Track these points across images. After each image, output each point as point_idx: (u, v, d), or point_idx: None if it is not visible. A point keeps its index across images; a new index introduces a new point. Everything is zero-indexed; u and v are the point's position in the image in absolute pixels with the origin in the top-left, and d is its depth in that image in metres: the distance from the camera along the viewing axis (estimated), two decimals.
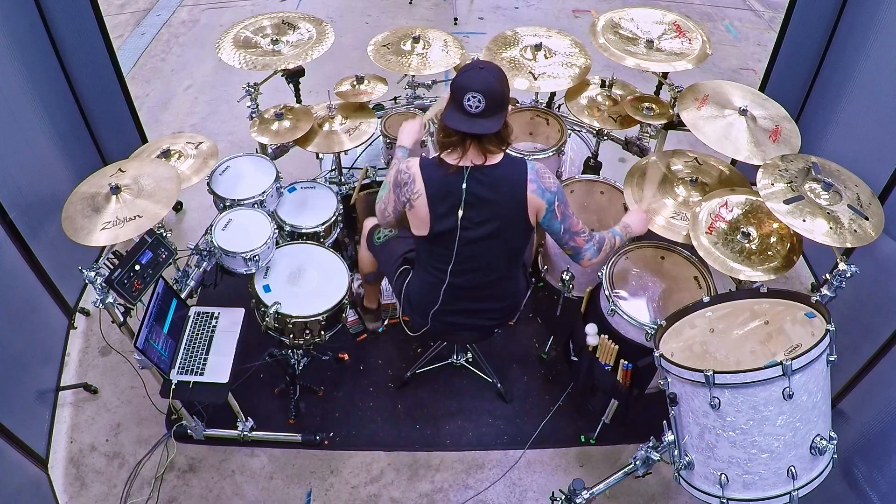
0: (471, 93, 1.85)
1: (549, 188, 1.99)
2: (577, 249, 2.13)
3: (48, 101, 2.80)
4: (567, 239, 2.09)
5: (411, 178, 2.00)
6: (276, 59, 2.73)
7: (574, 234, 2.09)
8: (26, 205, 2.58)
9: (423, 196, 1.99)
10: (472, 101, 1.85)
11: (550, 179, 2.00)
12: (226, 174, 2.71)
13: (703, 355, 1.90)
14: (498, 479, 2.57)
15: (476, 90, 1.84)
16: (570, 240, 2.10)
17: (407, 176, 2.01)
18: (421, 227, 2.05)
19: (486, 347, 2.85)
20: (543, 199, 1.98)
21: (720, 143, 2.39)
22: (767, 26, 5.40)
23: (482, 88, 1.84)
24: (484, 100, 1.85)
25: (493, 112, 1.88)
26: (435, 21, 5.29)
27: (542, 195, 1.98)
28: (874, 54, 2.59)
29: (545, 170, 2.01)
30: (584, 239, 2.11)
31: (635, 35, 2.83)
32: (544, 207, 2.00)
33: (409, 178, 2.00)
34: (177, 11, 5.54)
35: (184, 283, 2.46)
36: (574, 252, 2.14)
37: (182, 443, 2.63)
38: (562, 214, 2.03)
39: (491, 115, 1.88)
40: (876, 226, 2.03)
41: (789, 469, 1.66)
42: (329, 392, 2.80)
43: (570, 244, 2.11)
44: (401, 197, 2.04)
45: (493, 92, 1.86)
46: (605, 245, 2.17)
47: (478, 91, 1.84)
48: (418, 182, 1.98)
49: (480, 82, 1.85)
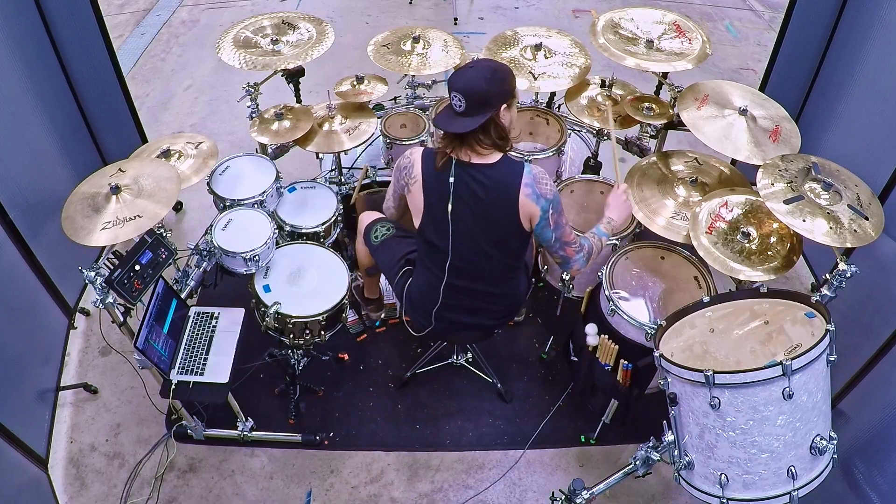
0: (453, 91, 1.88)
1: (545, 195, 1.95)
2: (566, 259, 2.12)
3: (48, 101, 2.80)
4: (558, 248, 2.08)
5: (411, 163, 2.04)
6: (276, 59, 2.73)
7: (565, 244, 2.08)
8: (26, 205, 2.58)
9: (419, 182, 2.02)
10: (455, 101, 1.88)
11: (548, 186, 1.96)
12: (226, 174, 2.71)
13: (703, 355, 1.90)
14: (498, 479, 2.57)
15: (457, 89, 1.86)
16: (561, 249, 2.08)
17: (408, 160, 2.05)
18: (417, 214, 2.08)
19: (486, 347, 2.85)
20: (538, 206, 1.95)
21: (720, 143, 2.39)
22: (767, 26, 5.40)
23: (462, 87, 1.86)
24: (464, 99, 1.86)
25: (474, 111, 1.87)
26: (435, 21, 5.29)
27: (536, 200, 1.94)
28: (874, 54, 2.59)
29: (544, 176, 1.97)
30: (575, 249, 2.11)
31: (635, 35, 2.83)
32: (538, 214, 1.97)
33: (410, 163, 2.04)
34: (177, 11, 5.55)
35: (184, 283, 2.46)
36: (563, 261, 2.13)
37: (182, 443, 2.63)
38: (555, 223, 2.01)
39: (471, 114, 1.88)
40: (876, 226, 2.03)
41: (789, 469, 1.66)
42: (329, 392, 2.80)
43: (560, 253, 2.10)
44: (400, 180, 2.08)
45: (473, 92, 1.85)
46: (592, 252, 2.17)
47: (458, 90, 1.86)
48: (417, 168, 2.02)
49: (462, 81, 1.87)
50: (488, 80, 1.87)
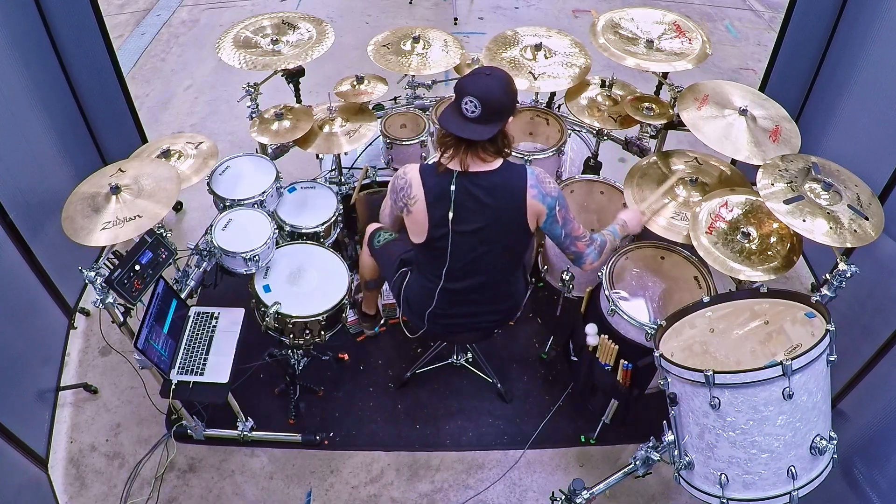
0: (469, 96, 1.84)
1: (550, 193, 1.98)
2: (578, 254, 2.13)
3: (48, 101, 2.80)
4: (569, 244, 2.09)
5: (408, 183, 1.98)
6: (276, 59, 2.73)
7: (575, 239, 2.09)
8: (26, 205, 2.58)
9: (421, 202, 1.98)
10: (469, 105, 1.85)
11: (551, 185, 1.99)
12: (226, 174, 2.71)
13: (703, 355, 1.90)
14: (498, 479, 2.57)
15: (474, 95, 1.83)
16: (572, 244, 2.09)
17: (404, 181, 1.99)
18: (419, 233, 2.04)
19: (486, 347, 2.85)
20: (544, 205, 1.97)
21: (720, 143, 2.39)
22: (767, 26, 5.40)
23: (480, 94, 1.83)
24: (480, 106, 1.84)
25: (489, 120, 1.86)
26: (435, 21, 5.29)
27: (542, 200, 1.97)
28: (874, 54, 2.59)
29: (545, 175, 2.00)
30: (585, 243, 2.11)
31: (635, 35, 2.83)
32: (545, 213, 1.99)
33: (406, 184, 1.99)
34: (177, 11, 5.54)
35: (184, 283, 2.46)
36: (576, 257, 2.14)
37: (182, 443, 2.63)
38: (563, 219, 2.02)
39: (486, 122, 1.87)
40: (876, 226, 2.02)
41: (789, 469, 1.66)
42: (329, 392, 2.80)
43: (572, 249, 2.11)
44: (397, 202, 2.03)
45: (492, 100, 1.84)
46: (605, 247, 2.18)
47: (475, 96, 1.83)
48: (416, 187, 1.97)
49: (481, 88, 1.84)
50: (505, 91, 1.87)
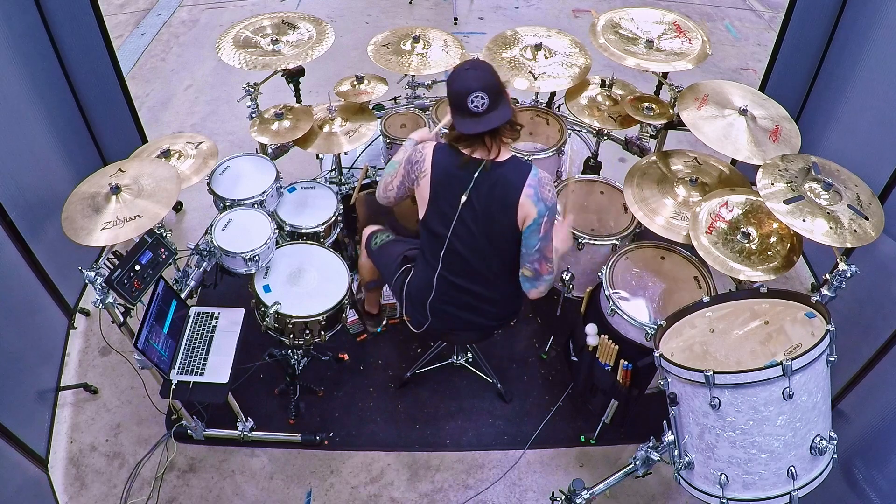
0: (472, 94, 1.88)
1: (546, 200, 1.97)
2: (537, 274, 2.08)
3: (48, 101, 2.80)
4: (536, 259, 2.05)
5: (423, 157, 2.08)
6: (276, 59, 2.73)
7: (543, 259, 2.06)
8: (26, 205, 2.58)
9: (427, 177, 2.06)
10: (477, 101, 1.89)
11: (550, 192, 1.99)
12: (226, 174, 2.71)
13: (703, 355, 1.90)
14: (498, 480, 2.57)
15: (477, 89, 1.88)
16: (538, 262, 2.06)
17: (420, 155, 2.10)
18: (423, 204, 2.12)
19: (486, 347, 2.85)
20: (536, 208, 1.96)
21: (720, 143, 2.39)
22: (767, 26, 5.40)
23: (482, 86, 1.89)
24: (487, 95, 1.89)
25: (498, 102, 1.92)
26: (435, 21, 5.29)
27: (535, 203, 1.96)
28: (874, 54, 2.59)
29: (550, 182, 2.01)
30: (548, 269, 2.09)
31: (635, 35, 2.83)
32: (533, 217, 1.97)
33: (421, 158, 2.09)
34: (177, 11, 5.54)
35: (184, 283, 2.46)
36: (535, 275, 2.09)
37: (182, 443, 2.63)
38: (545, 232, 2.00)
39: (497, 107, 1.92)
40: (876, 226, 2.03)
41: (789, 469, 1.66)
42: (329, 392, 2.80)
43: (535, 266, 2.07)
44: (410, 174, 2.11)
45: (490, 84, 1.91)
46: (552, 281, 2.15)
47: (478, 90, 1.88)
48: (427, 163, 2.07)
49: (479, 81, 1.89)
50: (491, 72, 1.94)
